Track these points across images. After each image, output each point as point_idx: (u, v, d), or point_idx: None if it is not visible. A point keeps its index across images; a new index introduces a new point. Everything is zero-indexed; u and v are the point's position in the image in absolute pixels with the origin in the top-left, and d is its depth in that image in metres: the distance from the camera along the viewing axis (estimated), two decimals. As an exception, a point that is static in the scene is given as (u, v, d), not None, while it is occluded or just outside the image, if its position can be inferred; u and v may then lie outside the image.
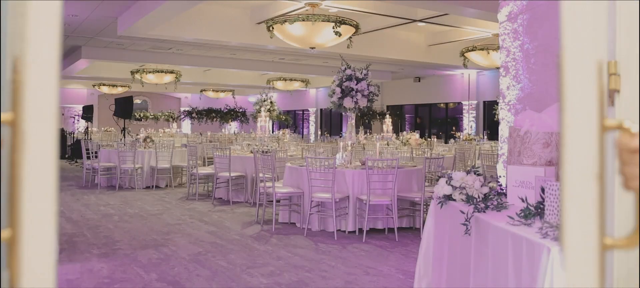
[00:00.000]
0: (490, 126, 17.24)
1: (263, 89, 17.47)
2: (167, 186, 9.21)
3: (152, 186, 8.97)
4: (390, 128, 12.70)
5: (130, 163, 8.74)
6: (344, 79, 6.18)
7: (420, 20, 10.83)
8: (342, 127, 23.39)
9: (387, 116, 12.72)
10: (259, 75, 18.51)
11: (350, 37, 8.87)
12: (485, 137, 13.76)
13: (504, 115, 4.17)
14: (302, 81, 18.06)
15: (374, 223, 5.65)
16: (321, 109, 23.35)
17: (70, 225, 5.73)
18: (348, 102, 6.11)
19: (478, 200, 2.98)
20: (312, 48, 9.19)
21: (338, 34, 8.23)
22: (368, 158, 5.41)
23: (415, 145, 9.15)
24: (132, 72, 15.28)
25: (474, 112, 17.59)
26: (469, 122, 17.58)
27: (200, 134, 14.26)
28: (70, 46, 12.61)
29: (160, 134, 17.01)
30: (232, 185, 7.50)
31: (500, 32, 4.27)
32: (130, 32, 9.62)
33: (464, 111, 17.75)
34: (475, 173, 3.19)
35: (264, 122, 8.41)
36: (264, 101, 13.04)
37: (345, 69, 6.22)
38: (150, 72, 15.08)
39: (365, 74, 6.22)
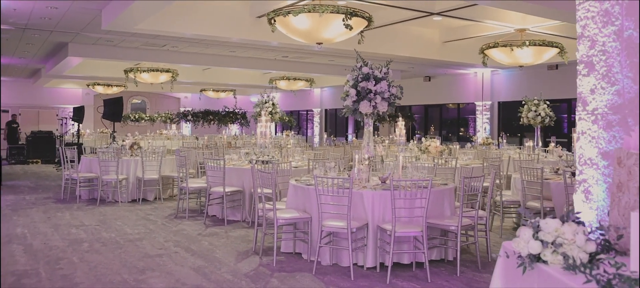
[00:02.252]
0: (505, 127, 16.20)
1: (265, 89, 16.47)
2: (155, 199, 8.18)
3: (139, 200, 7.94)
4: (403, 131, 11.64)
5: (114, 173, 7.72)
6: (359, 79, 5.14)
7: (439, 13, 9.78)
8: (348, 128, 22.40)
9: (400, 118, 11.64)
10: (261, 74, 17.50)
11: (362, 32, 7.81)
12: (504, 140, 12.68)
13: (585, 127, 3.07)
14: (307, 80, 17.03)
15: (398, 257, 4.60)
16: (326, 110, 22.39)
17: (26, 257, 4.71)
18: (365, 107, 5.07)
19: (587, 267, 1.92)
20: (319, 44, 8.13)
21: (349, 27, 7.17)
22: (392, 178, 4.37)
23: (436, 153, 8.09)
24: (126, 71, 14.30)
25: (488, 113, 16.56)
26: (483, 124, 16.55)
27: (196, 138, 13.21)
28: (56, 42, 11.62)
29: (155, 137, 16.04)
30: (227, 201, 6.48)
31: (579, 17, 3.15)
32: (116, 26, 8.60)
33: (477, 112, 16.72)
34: (576, 221, 2.14)
35: (265, 127, 7.37)
36: (265, 102, 11.98)
37: (361, 66, 5.18)
38: (144, 71, 14.09)
39: (385, 73, 5.18)
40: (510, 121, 16.29)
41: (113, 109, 10.81)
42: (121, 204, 7.73)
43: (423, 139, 8.57)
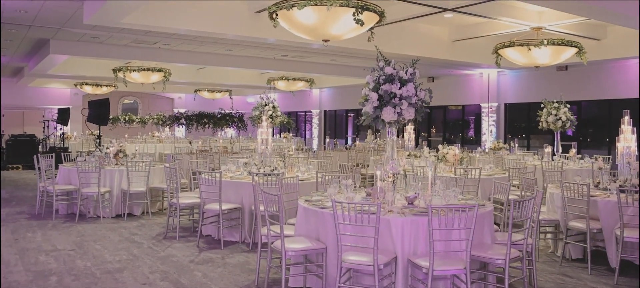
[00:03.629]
0: (510, 130, 15.54)
1: (263, 89, 15.63)
2: (143, 213, 7.33)
3: (123, 215, 7.08)
4: (413, 136, 10.89)
5: (95, 186, 6.86)
6: (381, 81, 4.34)
7: (453, 10, 9.03)
8: (348, 130, 21.64)
9: (409, 122, 10.86)
10: (259, 74, 16.69)
11: (372, 28, 7.02)
12: (516, 145, 11.95)
13: None
14: (307, 80, 16.23)
15: (432, 297, 3.81)
16: (325, 111, 21.65)
17: (-21, 299, 3.88)
18: (389, 114, 4.27)
19: None
20: (326, 41, 7.33)
21: (360, 22, 6.37)
22: (429, 204, 3.57)
23: (455, 162, 7.32)
24: (115, 71, 13.43)
25: (495, 115, 15.90)
26: (489, 126, 15.89)
27: (190, 142, 12.34)
28: (37, 38, 10.73)
29: (147, 140, 15.15)
30: (224, 219, 5.66)
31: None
32: (100, 21, 7.75)
33: (482, 115, 16.07)
34: None
35: (266, 135, 6.55)
36: (265, 105, 11.13)
37: (384, 66, 4.39)
38: (134, 70, 13.23)
39: (411, 74, 4.39)
40: (512, 123, 15.65)
41: (99, 111, 9.94)
42: (103, 220, 6.86)
43: (440, 146, 7.79)
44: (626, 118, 5.84)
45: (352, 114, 21.49)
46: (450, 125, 17.77)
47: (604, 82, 12.73)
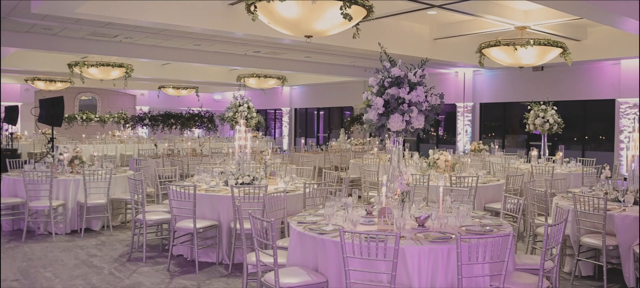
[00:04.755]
0: (485, 129, 15.44)
1: (232, 86, 14.77)
2: (103, 228, 6.46)
3: (80, 231, 6.19)
4: (394, 138, 10.44)
5: (46, 199, 5.94)
6: (386, 84, 3.76)
7: (440, 6, 8.61)
8: (319, 128, 21.08)
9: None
10: (228, 71, 15.83)
11: (358, 24, 6.45)
12: (496, 146, 11.71)
13: None
14: (279, 78, 15.51)
15: (453, 338, 3.27)
16: (295, 109, 21.02)
17: None
18: (396, 123, 3.69)
19: None
20: (309, 37, 6.69)
21: (348, 17, 5.78)
22: (459, 234, 3.02)
23: (447, 168, 6.86)
24: (70, 66, 12.28)
25: (470, 115, 15.76)
26: (464, 126, 15.74)
27: (155, 144, 11.38)
28: (-23, 29, 9.53)
29: (106, 140, 14.02)
30: (199, 238, 4.94)
31: None
32: (50, 10, 6.80)
33: (458, 114, 15.92)
34: None
35: (245, 140, 5.84)
36: (239, 105, 10.35)
37: (390, 67, 3.80)
38: (93, 65, 12.13)
39: (421, 76, 3.83)
40: (486, 123, 15.58)
41: (51, 111, 8.89)
42: (56, 238, 5.95)
43: (431, 151, 7.32)
44: (636, 124, 5.52)
45: (322, 113, 20.94)
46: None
47: (580, 83, 12.77)
